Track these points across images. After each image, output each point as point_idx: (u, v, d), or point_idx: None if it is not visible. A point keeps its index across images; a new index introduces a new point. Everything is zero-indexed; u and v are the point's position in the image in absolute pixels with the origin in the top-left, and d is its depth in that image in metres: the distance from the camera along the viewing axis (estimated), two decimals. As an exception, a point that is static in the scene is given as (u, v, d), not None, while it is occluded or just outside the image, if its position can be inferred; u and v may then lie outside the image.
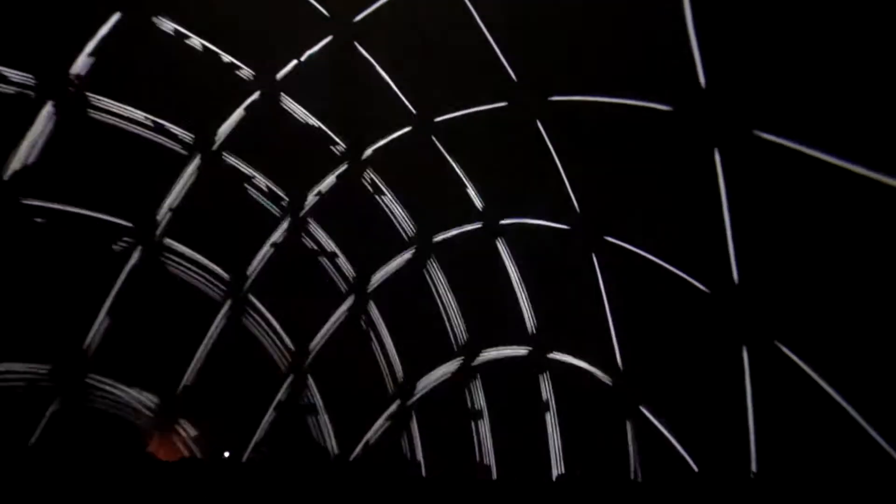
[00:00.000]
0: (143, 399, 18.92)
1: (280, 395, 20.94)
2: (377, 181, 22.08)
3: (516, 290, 20.85)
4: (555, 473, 18.97)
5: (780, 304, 14.68)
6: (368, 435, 21.07)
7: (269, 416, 20.70)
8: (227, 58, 20.26)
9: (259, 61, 20.55)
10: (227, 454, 11.24)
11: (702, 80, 14.51)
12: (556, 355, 20.10)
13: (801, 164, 13.14)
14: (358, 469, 17.38)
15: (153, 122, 19.70)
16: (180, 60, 19.48)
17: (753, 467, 14.45)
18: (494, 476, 20.13)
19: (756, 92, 13.73)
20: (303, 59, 20.65)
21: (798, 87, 12.60)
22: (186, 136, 20.24)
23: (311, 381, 21.20)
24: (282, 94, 21.05)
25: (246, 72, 20.69)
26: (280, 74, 20.89)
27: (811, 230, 13.37)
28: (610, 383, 18.70)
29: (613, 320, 18.83)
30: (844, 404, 12.97)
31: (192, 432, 18.89)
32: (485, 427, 20.97)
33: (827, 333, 13.33)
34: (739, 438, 15.09)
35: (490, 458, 20.52)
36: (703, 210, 16.00)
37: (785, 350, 14.38)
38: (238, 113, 20.74)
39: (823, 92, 12.13)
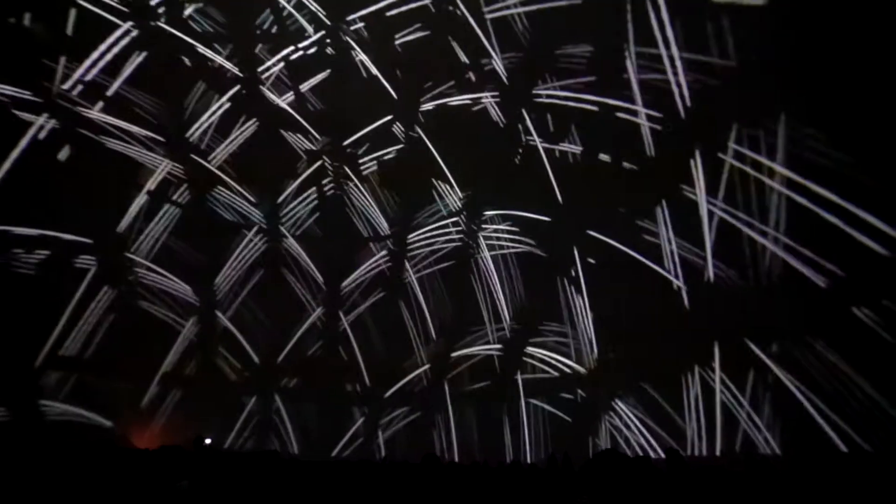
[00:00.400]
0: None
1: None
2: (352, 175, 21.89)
3: (495, 284, 21.03)
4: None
5: (750, 302, 15.25)
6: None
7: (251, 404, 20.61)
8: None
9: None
10: (208, 441, 11.16)
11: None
12: (533, 349, 20.43)
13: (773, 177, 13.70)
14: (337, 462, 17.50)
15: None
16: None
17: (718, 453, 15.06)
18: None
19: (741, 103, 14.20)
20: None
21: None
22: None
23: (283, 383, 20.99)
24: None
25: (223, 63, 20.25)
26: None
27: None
28: (585, 375, 19.15)
29: (592, 314, 19.20)
30: (804, 401, 13.64)
31: (173, 420, 18.73)
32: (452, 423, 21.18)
33: (790, 332, 13.98)
34: (708, 430, 15.67)
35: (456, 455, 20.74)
36: (681, 208, 16.48)
37: (753, 347, 14.98)
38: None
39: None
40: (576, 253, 19.61)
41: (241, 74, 20.22)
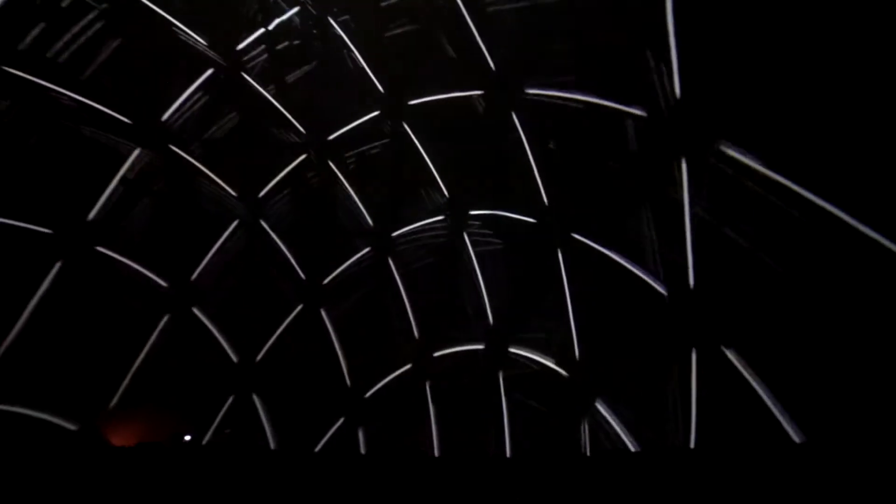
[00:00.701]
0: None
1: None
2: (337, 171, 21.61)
3: (479, 283, 21.16)
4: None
5: (729, 311, 15.71)
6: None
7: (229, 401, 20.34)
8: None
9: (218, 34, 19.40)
10: (187, 438, 11.01)
11: (677, 90, 15.06)
12: (516, 349, 20.65)
13: (758, 182, 14.00)
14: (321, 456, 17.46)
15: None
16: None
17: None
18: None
19: (727, 108, 14.40)
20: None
21: (767, 109, 13.31)
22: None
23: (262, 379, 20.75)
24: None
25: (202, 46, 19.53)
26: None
27: (760, 245, 14.36)
28: (567, 377, 19.46)
29: (574, 316, 19.47)
30: (771, 405, 14.10)
31: (150, 416, 18.35)
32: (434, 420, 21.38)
33: (767, 342, 14.50)
34: (683, 432, 16.17)
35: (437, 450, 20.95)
36: (667, 215, 16.80)
37: (728, 354, 15.46)
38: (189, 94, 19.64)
39: (790, 116, 12.88)
40: (559, 254, 19.84)
41: (223, 62, 19.62)
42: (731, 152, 14.62)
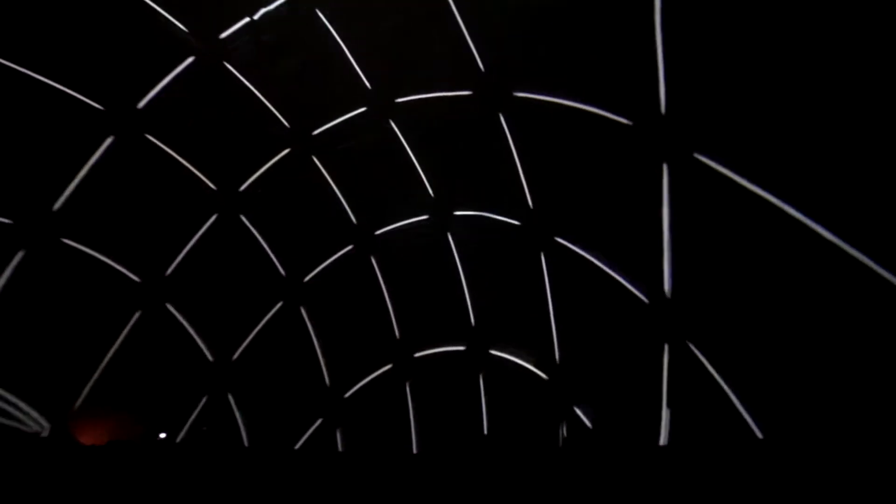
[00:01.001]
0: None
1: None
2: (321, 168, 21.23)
3: (463, 284, 21.18)
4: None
5: (702, 316, 16.26)
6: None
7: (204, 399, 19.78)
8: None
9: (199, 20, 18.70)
10: (162, 435, 10.63)
11: (662, 101, 15.43)
12: (496, 352, 20.83)
13: (733, 193, 14.60)
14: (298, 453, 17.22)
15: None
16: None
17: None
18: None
19: (710, 121, 14.85)
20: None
21: (748, 122, 13.81)
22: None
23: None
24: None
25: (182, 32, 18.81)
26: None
27: (733, 253, 14.97)
28: (546, 379, 19.76)
29: (555, 318, 19.71)
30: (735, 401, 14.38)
31: (119, 415, 17.68)
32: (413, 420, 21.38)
33: (736, 342, 15.13)
34: (654, 428, 16.64)
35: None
36: (647, 223, 17.24)
37: (696, 352, 16.00)
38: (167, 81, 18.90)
39: (769, 131, 13.41)
40: (542, 257, 20.07)
41: (205, 50, 18.99)
42: (710, 162, 15.12)
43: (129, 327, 18.84)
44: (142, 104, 18.88)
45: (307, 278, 21.55)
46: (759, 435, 14.04)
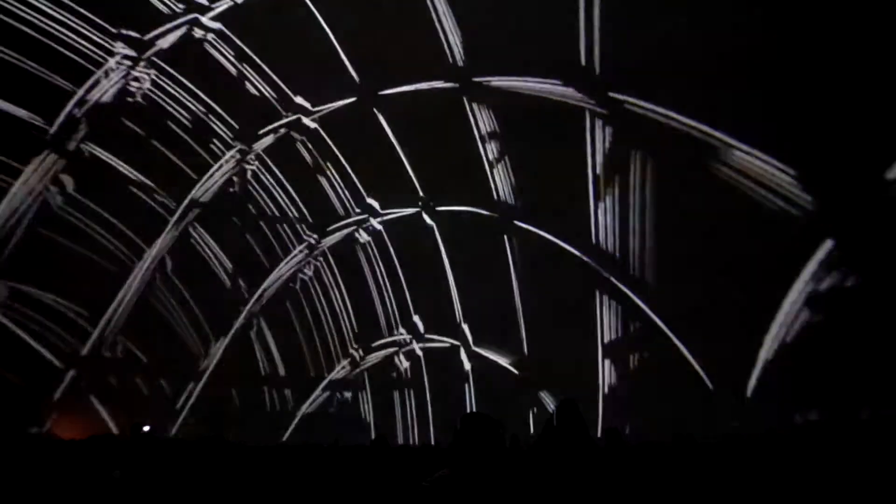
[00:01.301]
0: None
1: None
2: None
3: (449, 280, 20.76)
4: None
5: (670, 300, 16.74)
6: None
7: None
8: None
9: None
10: (146, 428, 10.09)
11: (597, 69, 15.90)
12: (478, 349, 20.66)
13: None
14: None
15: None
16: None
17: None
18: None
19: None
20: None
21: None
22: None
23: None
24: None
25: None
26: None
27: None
28: (517, 373, 19.81)
29: (524, 310, 19.66)
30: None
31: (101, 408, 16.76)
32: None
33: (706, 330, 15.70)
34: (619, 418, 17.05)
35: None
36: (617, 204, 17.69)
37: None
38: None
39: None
40: (508, 249, 20.07)
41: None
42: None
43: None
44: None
45: (268, 284, 21.00)
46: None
